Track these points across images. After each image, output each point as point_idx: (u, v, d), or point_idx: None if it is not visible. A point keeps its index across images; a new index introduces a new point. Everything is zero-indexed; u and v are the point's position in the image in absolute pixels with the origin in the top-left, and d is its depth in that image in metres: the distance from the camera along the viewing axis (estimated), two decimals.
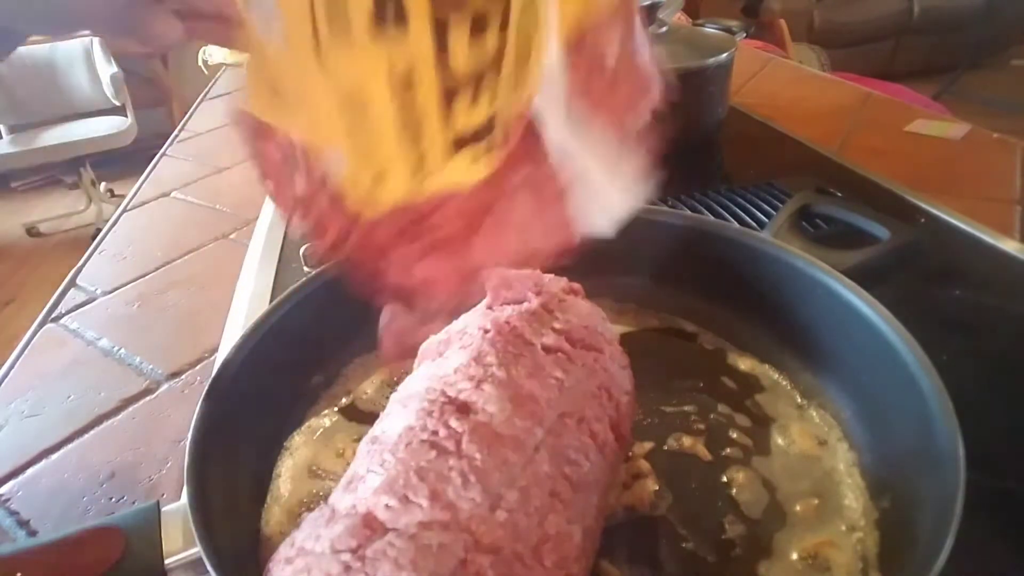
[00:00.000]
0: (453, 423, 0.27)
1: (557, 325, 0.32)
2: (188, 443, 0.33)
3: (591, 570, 0.32)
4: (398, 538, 0.23)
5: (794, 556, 0.33)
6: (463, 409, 0.28)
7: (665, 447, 0.40)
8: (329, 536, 0.24)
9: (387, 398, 0.34)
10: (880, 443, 0.37)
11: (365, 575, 0.22)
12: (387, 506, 0.24)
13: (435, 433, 0.26)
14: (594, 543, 0.29)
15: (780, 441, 0.39)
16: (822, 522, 0.34)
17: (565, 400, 0.29)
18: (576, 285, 0.38)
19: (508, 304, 0.34)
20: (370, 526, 0.24)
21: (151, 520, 0.32)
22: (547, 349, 0.31)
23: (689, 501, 0.37)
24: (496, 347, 0.30)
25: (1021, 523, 0.36)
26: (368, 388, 0.45)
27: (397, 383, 0.36)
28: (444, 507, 0.24)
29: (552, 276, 0.37)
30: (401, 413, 0.29)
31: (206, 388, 0.36)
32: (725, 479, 0.38)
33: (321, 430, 0.42)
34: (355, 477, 0.27)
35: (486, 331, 0.31)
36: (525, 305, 0.34)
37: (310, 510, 0.36)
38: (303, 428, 0.42)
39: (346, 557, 0.23)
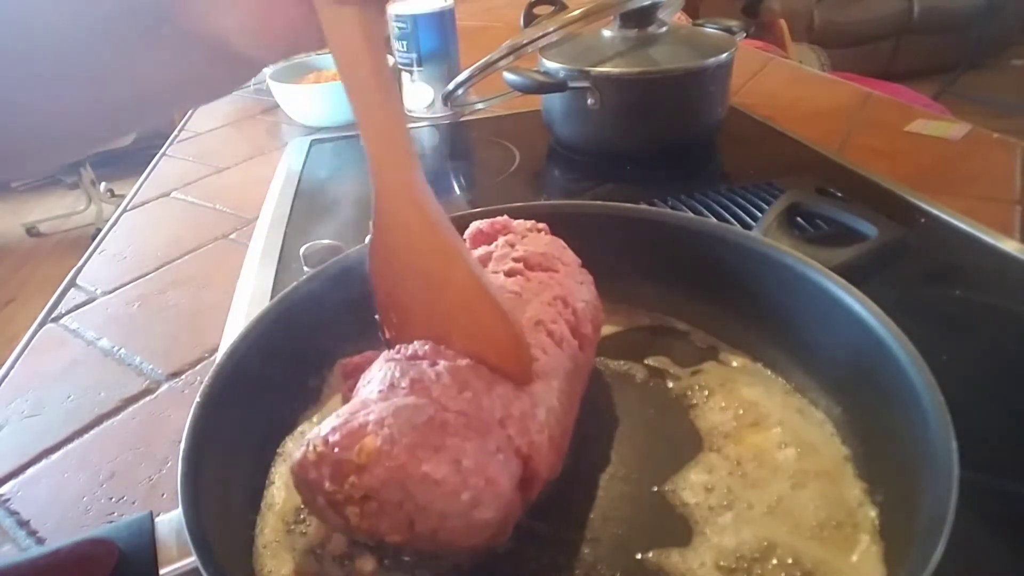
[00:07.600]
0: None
1: (515, 255, 0.42)
2: (181, 452, 0.32)
3: None
4: (379, 404, 0.30)
5: (788, 554, 0.33)
6: None
7: None
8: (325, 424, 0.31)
9: None
10: (873, 439, 0.37)
11: (359, 423, 0.29)
12: (379, 391, 0.32)
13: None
14: (565, 418, 0.36)
15: (773, 439, 0.39)
16: (816, 519, 0.34)
17: (521, 309, 0.37)
18: (542, 224, 0.46)
19: (481, 245, 0.44)
20: (365, 405, 0.31)
21: (145, 531, 0.31)
22: (507, 273, 0.40)
23: None
24: None
25: (1016, 522, 0.36)
26: None
27: None
28: (420, 389, 0.31)
29: (520, 220, 0.45)
30: None
31: (198, 396, 0.35)
32: None
33: None
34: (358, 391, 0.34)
35: None
36: (493, 244, 0.43)
37: (305, 517, 0.36)
38: (296, 433, 0.42)
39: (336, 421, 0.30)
